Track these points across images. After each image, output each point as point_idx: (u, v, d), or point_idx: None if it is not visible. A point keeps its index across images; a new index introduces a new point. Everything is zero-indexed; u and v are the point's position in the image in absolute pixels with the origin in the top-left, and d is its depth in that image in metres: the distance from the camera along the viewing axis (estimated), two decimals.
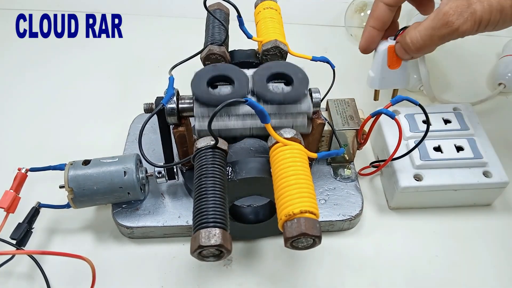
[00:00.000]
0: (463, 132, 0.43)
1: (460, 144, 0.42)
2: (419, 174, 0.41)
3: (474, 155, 0.41)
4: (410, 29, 0.38)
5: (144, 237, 0.41)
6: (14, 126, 0.52)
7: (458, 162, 0.41)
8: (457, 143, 0.42)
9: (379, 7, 0.39)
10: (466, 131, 0.43)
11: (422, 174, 0.41)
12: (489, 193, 0.42)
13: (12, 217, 0.38)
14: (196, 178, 0.32)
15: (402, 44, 0.39)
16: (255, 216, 0.40)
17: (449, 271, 0.39)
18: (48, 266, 0.39)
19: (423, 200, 0.42)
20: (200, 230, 0.28)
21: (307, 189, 0.30)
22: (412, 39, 0.37)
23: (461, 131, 0.43)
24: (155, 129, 0.43)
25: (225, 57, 0.39)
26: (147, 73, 0.59)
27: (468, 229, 0.42)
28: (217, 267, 0.39)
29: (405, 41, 0.38)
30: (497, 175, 0.41)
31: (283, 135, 0.33)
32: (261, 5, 0.45)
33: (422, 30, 0.36)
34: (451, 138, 0.43)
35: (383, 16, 0.39)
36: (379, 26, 0.40)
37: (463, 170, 0.41)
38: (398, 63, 0.42)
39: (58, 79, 0.58)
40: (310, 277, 0.39)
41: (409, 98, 0.36)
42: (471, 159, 0.41)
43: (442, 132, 0.43)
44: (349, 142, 0.43)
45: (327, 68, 0.41)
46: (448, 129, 0.43)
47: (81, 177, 0.38)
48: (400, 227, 0.42)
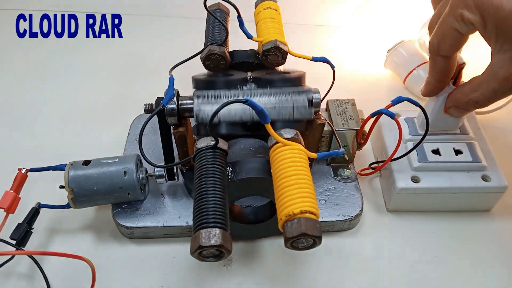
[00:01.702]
0: (463, 137, 0.43)
1: (459, 147, 0.42)
2: (417, 176, 0.41)
3: (473, 159, 0.41)
4: (467, 91, 0.37)
5: (144, 237, 0.41)
6: (14, 126, 0.52)
7: (457, 165, 0.41)
8: (456, 147, 0.42)
9: (437, 61, 0.37)
10: (466, 135, 0.43)
11: (420, 176, 0.41)
12: (487, 198, 0.42)
13: (12, 218, 0.38)
14: (196, 178, 0.32)
15: (465, 107, 0.38)
16: (255, 216, 0.40)
17: (448, 271, 0.39)
18: (48, 267, 0.39)
19: (421, 203, 0.42)
20: (200, 230, 0.28)
21: (307, 189, 0.30)
22: (477, 101, 0.36)
23: (461, 135, 0.43)
24: (155, 129, 0.43)
25: (225, 57, 0.39)
26: (147, 73, 0.59)
27: (468, 231, 0.42)
28: (217, 267, 0.39)
29: (469, 107, 0.38)
30: (496, 180, 0.40)
31: (283, 135, 0.33)
32: (261, 5, 0.45)
33: (486, 93, 0.35)
34: (450, 141, 0.42)
35: (444, 68, 0.38)
36: (443, 78, 0.38)
37: (462, 173, 0.41)
38: None
39: (58, 79, 0.58)
40: (310, 277, 0.39)
41: (410, 99, 0.36)
42: (470, 163, 0.41)
43: (441, 136, 0.43)
44: (349, 142, 0.43)
45: (327, 69, 0.41)
46: (448, 133, 0.43)
47: (81, 178, 0.38)
48: (400, 227, 0.42)
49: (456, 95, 0.38)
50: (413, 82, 0.54)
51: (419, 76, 0.53)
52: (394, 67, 0.56)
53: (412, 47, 0.55)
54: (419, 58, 0.54)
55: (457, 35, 0.34)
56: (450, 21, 0.34)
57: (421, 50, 0.55)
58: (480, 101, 0.36)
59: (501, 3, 0.30)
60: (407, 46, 0.54)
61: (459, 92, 0.38)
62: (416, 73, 0.53)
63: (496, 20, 0.31)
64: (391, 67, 0.57)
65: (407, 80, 0.54)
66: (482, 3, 0.31)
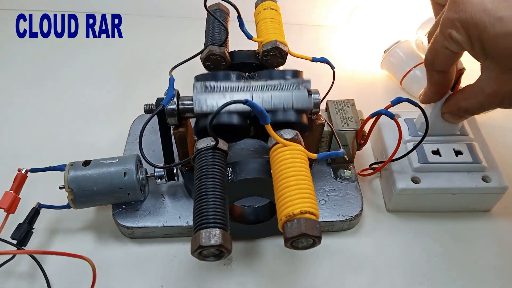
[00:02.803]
0: (463, 137, 0.43)
1: (459, 148, 0.42)
2: (417, 176, 0.41)
3: (473, 160, 0.41)
4: (459, 98, 0.38)
5: (144, 237, 0.41)
6: (14, 127, 0.52)
7: (457, 166, 0.41)
8: (456, 147, 0.42)
9: (433, 75, 0.38)
10: (465, 136, 0.43)
11: (420, 177, 0.41)
12: (488, 198, 0.42)
13: (13, 218, 0.38)
14: (196, 179, 0.32)
15: (457, 114, 0.39)
16: (255, 216, 0.40)
17: (448, 271, 0.39)
18: (48, 266, 0.39)
19: (421, 204, 0.42)
20: (200, 230, 0.29)
21: (307, 189, 0.30)
22: (466, 109, 0.37)
23: (460, 136, 0.43)
24: (156, 130, 0.43)
25: (225, 57, 0.39)
26: (147, 73, 0.59)
27: (468, 231, 0.42)
28: (217, 267, 0.39)
29: (464, 115, 0.39)
30: (496, 180, 0.40)
31: (283, 136, 0.33)
32: (261, 5, 0.45)
33: (474, 105, 0.36)
34: (450, 142, 0.42)
35: (441, 82, 0.38)
36: (440, 91, 0.39)
37: (462, 174, 0.41)
38: None
39: (58, 79, 0.58)
40: (310, 277, 0.39)
41: (410, 99, 0.36)
42: (470, 164, 0.41)
43: (441, 137, 0.43)
44: (349, 143, 0.43)
45: (327, 69, 0.41)
46: (448, 134, 0.43)
47: (81, 178, 0.38)
48: (400, 227, 0.42)
49: (450, 101, 0.39)
50: (410, 83, 0.54)
51: (415, 76, 0.53)
52: (391, 67, 0.56)
53: (409, 47, 0.55)
54: (416, 58, 0.54)
55: (449, 52, 0.35)
56: (441, 39, 0.34)
57: (417, 50, 0.55)
58: (470, 109, 0.37)
59: (485, 25, 0.31)
60: (404, 47, 0.54)
61: (452, 98, 0.39)
62: (412, 74, 0.53)
63: (481, 41, 0.31)
64: (388, 68, 0.57)
65: (404, 80, 0.54)
66: (468, 24, 0.32)
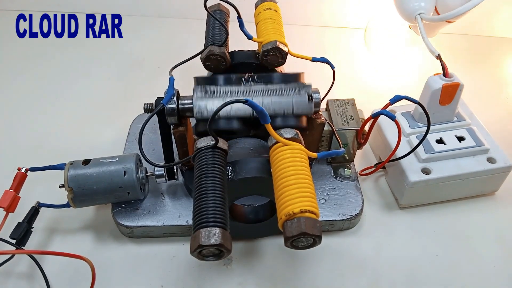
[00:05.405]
0: (461, 123, 0.44)
1: (461, 134, 0.43)
2: (427, 167, 0.41)
3: (476, 143, 0.42)
4: None
5: (144, 237, 0.41)
6: (14, 126, 0.52)
7: (462, 151, 0.42)
8: (457, 134, 0.43)
9: None
10: (463, 121, 0.44)
11: (430, 168, 0.41)
12: (495, 179, 0.43)
13: (12, 217, 0.38)
14: (196, 178, 0.32)
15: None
16: (255, 215, 0.40)
17: (449, 270, 0.39)
18: (48, 266, 0.39)
19: (433, 194, 0.43)
20: (200, 229, 0.28)
21: (307, 188, 0.30)
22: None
23: (458, 122, 0.44)
24: (155, 129, 0.43)
25: (225, 58, 0.39)
26: (147, 73, 0.59)
27: (469, 225, 0.42)
28: (217, 267, 0.39)
29: None
30: (501, 160, 0.42)
31: (283, 135, 0.33)
32: (261, 6, 0.45)
33: None
34: (451, 129, 0.43)
35: None
36: None
37: (468, 159, 0.42)
38: (450, 99, 0.42)
39: (58, 79, 0.58)
40: (310, 277, 0.39)
41: (408, 97, 0.36)
42: (474, 147, 0.42)
43: (440, 125, 0.43)
44: (349, 142, 0.43)
45: (327, 69, 0.41)
46: (445, 121, 0.44)
47: (81, 177, 0.38)
48: (400, 226, 0.42)
49: None
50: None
51: None
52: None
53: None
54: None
55: None
56: None
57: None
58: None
59: None
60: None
61: None
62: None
63: None
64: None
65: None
66: None
